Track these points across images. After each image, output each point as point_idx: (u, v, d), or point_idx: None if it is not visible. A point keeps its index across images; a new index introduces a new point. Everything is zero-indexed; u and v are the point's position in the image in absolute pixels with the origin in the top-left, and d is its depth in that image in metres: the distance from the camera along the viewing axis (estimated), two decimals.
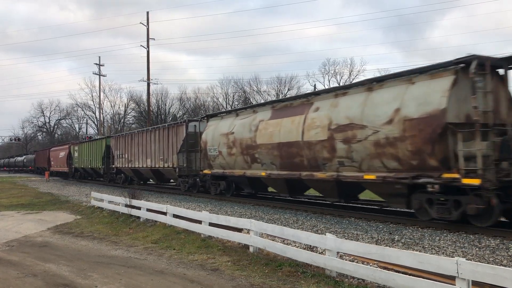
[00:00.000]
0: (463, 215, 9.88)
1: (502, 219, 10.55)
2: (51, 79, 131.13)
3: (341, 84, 64.61)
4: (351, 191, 13.55)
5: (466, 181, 9.43)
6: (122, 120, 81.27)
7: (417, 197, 10.75)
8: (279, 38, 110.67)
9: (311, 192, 19.18)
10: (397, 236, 9.84)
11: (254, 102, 59.01)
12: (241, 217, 12.46)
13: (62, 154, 46.06)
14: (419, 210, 10.81)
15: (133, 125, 78.75)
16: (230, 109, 41.99)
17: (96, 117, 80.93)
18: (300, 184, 15.22)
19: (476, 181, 9.25)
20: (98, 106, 71.23)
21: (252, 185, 18.24)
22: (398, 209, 13.99)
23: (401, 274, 6.59)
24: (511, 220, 10.55)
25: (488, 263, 7.36)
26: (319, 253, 8.31)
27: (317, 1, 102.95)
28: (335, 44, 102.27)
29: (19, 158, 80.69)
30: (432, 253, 8.14)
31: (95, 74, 57.57)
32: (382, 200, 13.28)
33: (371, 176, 11.51)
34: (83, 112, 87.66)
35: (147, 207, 15.10)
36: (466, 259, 6.12)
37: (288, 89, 68.09)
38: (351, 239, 9.45)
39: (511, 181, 9.51)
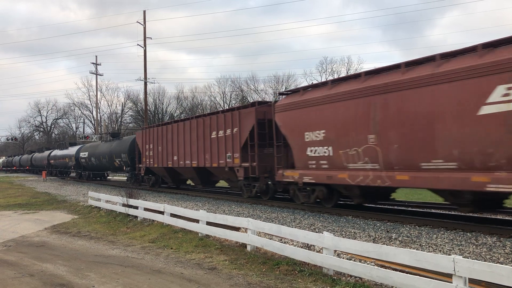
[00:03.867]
0: None
1: None
2: (49, 78, 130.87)
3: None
4: None
5: None
6: (119, 120, 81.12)
7: None
8: (278, 37, 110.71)
9: None
10: (394, 234, 9.85)
11: (251, 101, 59.03)
12: (238, 216, 12.46)
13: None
14: None
15: (130, 124, 78.65)
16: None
17: (93, 117, 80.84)
18: None
19: None
20: (95, 105, 71.06)
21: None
22: (395, 207, 14.05)
23: (398, 272, 6.60)
24: None
25: (485, 260, 7.38)
26: (317, 252, 8.31)
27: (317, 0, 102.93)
28: (335, 42, 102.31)
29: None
30: (429, 251, 8.16)
31: (92, 73, 57.50)
32: None
33: None
34: (80, 111, 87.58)
35: (144, 206, 15.07)
36: (463, 257, 6.12)
37: (286, 88, 68.10)
38: (349, 238, 9.46)
39: None
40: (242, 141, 16.83)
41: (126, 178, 31.74)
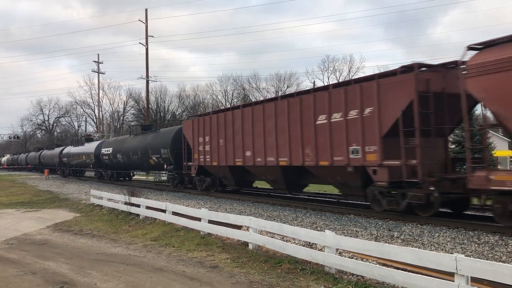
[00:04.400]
0: None
1: None
2: (52, 77, 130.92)
3: (340, 80, 64.69)
4: None
5: None
6: (121, 118, 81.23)
7: None
8: (280, 35, 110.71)
9: (311, 188, 19.20)
10: (396, 233, 9.84)
11: (253, 100, 58.81)
12: (240, 214, 12.46)
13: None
14: None
15: (132, 123, 78.71)
16: None
17: (95, 115, 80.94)
18: None
19: None
20: (97, 103, 71.15)
21: None
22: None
23: (400, 271, 6.59)
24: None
25: (487, 259, 7.36)
26: (318, 250, 8.30)
27: None
28: (337, 41, 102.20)
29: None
30: (431, 250, 8.15)
31: (94, 71, 57.59)
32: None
33: None
34: (82, 110, 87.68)
35: (146, 205, 15.09)
36: (465, 256, 6.12)
37: (287, 86, 68.10)
38: (350, 236, 9.45)
39: None
40: (384, 127, 11.46)
41: (166, 178, 26.15)
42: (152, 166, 26.28)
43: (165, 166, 23.75)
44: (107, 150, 31.75)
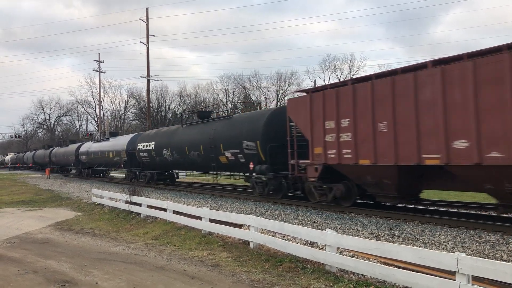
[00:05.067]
0: None
1: None
2: (53, 76, 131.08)
3: (341, 79, 64.61)
4: None
5: None
6: (122, 117, 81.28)
7: None
8: (281, 34, 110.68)
9: None
10: (397, 232, 9.84)
11: (254, 99, 58.89)
12: (241, 213, 12.47)
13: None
14: None
15: (133, 122, 78.78)
16: None
17: (96, 114, 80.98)
18: None
19: None
20: (98, 103, 71.18)
21: None
22: (398, 205, 14.01)
23: (401, 270, 6.59)
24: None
25: (488, 258, 7.36)
26: (319, 249, 8.31)
27: None
28: (338, 40, 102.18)
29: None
30: (432, 248, 8.15)
31: (95, 70, 57.64)
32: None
33: None
34: (83, 109, 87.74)
35: (147, 204, 15.11)
36: (466, 254, 6.12)
37: (288, 85, 68.05)
38: (351, 235, 9.46)
39: None
40: None
41: (250, 184, 17.60)
42: (223, 166, 19.00)
43: (250, 166, 16.70)
44: (147, 145, 25.55)
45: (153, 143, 24.89)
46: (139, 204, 15.47)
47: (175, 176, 27.54)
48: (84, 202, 20.54)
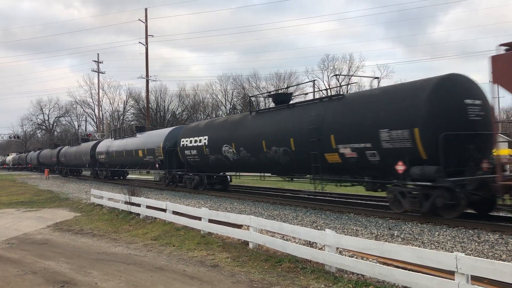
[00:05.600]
0: None
1: None
2: (52, 76, 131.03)
3: (339, 79, 64.61)
4: None
5: None
6: (121, 117, 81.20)
7: None
8: (281, 34, 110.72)
9: (311, 187, 19.17)
10: (396, 232, 9.85)
11: (253, 99, 58.69)
12: (240, 214, 12.47)
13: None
14: None
15: (133, 122, 78.68)
16: None
17: (95, 115, 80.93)
18: None
19: None
20: (97, 103, 71.14)
21: None
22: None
23: (400, 270, 6.60)
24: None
25: (487, 258, 7.37)
26: (319, 249, 8.31)
27: None
28: (338, 40, 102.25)
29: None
30: (431, 248, 8.16)
31: (93, 71, 57.62)
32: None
33: None
34: (82, 109, 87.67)
35: (146, 204, 15.09)
36: (465, 254, 6.12)
37: (287, 86, 67.97)
38: (351, 235, 9.47)
39: None
40: None
41: (389, 197, 11.81)
42: (331, 167, 13.58)
43: (399, 167, 11.17)
44: (195, 141, 20.34)
45: (206, 137, 19.73)
46: (138, 205, 15.46)
47: (228, 179, 22.44)
48: (83, 202, 20.52)
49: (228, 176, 22.21)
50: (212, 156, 19.38)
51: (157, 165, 24.93)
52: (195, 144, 20.50)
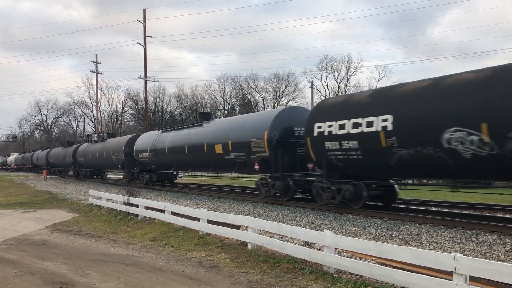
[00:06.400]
0: None
1: None
2: (51, 77, 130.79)
3: (338, 80, 64.75)
4: None
5: None
6: (119, 118, 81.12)
7: None
8: (281, 35, 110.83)
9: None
10: (394, 232, 9.86)
11: (252, 100, 58.77)
12: (239, 214, 12.47)
13: None
14: None
15: (131, 123, 78.64)
16: None
17: (93, 115, 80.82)
18: None
19: None
20: (95, 104, 71.03)
21: None
22: (395, 205, 14.06)
23: (399, 270, 6.60)
24: None
25: (485, 258, 7.39)
26: (317, 250, 8.31)
27: None
28: (337, 40, 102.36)
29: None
30: (429, 249, 8.17)
31: (92, 71, 57.54)
32: None
33: None
34: (80, 110, 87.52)
35: (145, 205, 15.08)
36: (464, 255, 6.13)
37: (286, 86, 68.03)
38: (349, 236, 9.47)
39: None
40: None
41: None
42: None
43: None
44: (332, 125, 13.24)
45: (333, 123, 13.25)
46: (137, 206, 15.45)
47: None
48: (82, 203, 20.49)
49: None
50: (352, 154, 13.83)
51: (257, 166, 16.78)
52: (341, 133, 13.44)
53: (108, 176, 40.41)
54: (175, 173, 25.77)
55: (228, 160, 18.28)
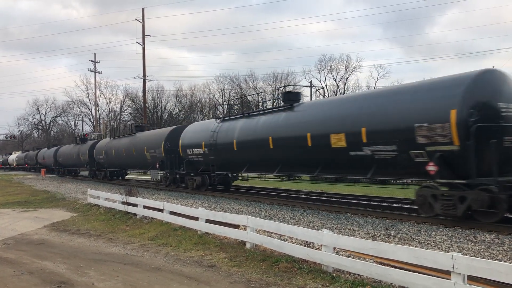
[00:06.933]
0: None
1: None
2: (49, 76, 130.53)
3: (337, 80, 64.73)
4: None
5: None
6: (118, 117, 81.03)
7: None
8: (279, 35, 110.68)
9: (308, 187, 19.21)
10: (393, 232, 9.87)
11: (250, 99, 58.60)
12: (237, 214, 12.47)
13: None
14: None
15: (129, 122, 78.51)
16: None
17: (92, 115, 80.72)
18: None
19: None
20: (93, 103, 70.97)
21: None
22: (394, 205, 14.10)
23: (397, 269, 6.62)
24: None
25: (483, 257, 7.40)
26: (316, 249, 8.32)
27: None
28: (335, 40, 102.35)
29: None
30: (428, 248, 8.18)
31: (90, 71, 57.48)
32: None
33: None
34: (79, 109, 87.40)
35: (143, 204, 15.07)
36: (462, 254, 6.14)
37: (284, 86, 67.94)
38: (348, 235, 9.48)
39: None
40: None
41: None
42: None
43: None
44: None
45: None
46: (135, 205, 15.44)
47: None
48: (80, 203, 20.47)
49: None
50: None
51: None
52: None
53: (127, 177, 35.08)
54: (235, 174, 21.08)
55: (357, 158, 12.66)
